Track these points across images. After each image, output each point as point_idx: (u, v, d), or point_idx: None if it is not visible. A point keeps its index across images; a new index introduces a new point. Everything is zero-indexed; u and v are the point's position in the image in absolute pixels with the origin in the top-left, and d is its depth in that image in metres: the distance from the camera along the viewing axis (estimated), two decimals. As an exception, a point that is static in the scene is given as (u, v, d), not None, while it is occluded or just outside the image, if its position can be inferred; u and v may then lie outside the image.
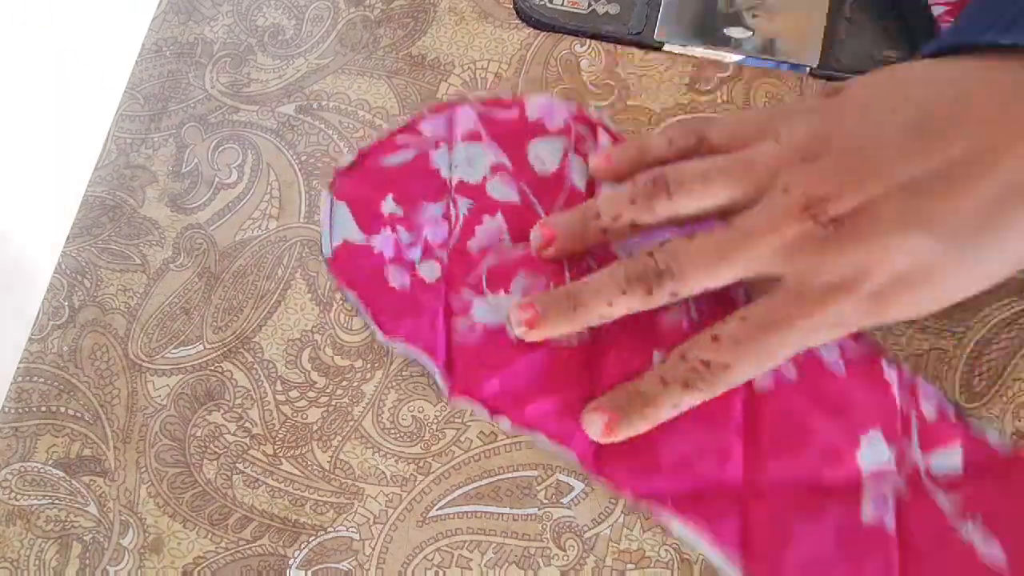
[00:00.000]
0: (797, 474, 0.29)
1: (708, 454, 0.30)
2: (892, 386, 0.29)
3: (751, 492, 0.29)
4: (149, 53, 0.43)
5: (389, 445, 0.33)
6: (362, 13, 0.41)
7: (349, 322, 0.35)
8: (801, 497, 0.29)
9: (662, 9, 0.37)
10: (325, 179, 0.38)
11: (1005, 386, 0.30)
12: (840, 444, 0.29)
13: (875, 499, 0.28)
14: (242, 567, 0.33)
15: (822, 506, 0.29)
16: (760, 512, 0.29)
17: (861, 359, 0.30)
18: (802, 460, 0.29)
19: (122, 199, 0.40)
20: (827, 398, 0.29)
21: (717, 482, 0.29)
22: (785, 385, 0.30)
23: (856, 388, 0.29)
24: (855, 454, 0.29)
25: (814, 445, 0.29)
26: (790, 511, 0.29)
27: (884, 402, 0.29)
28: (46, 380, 0.37)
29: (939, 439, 0.28)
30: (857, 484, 0.28)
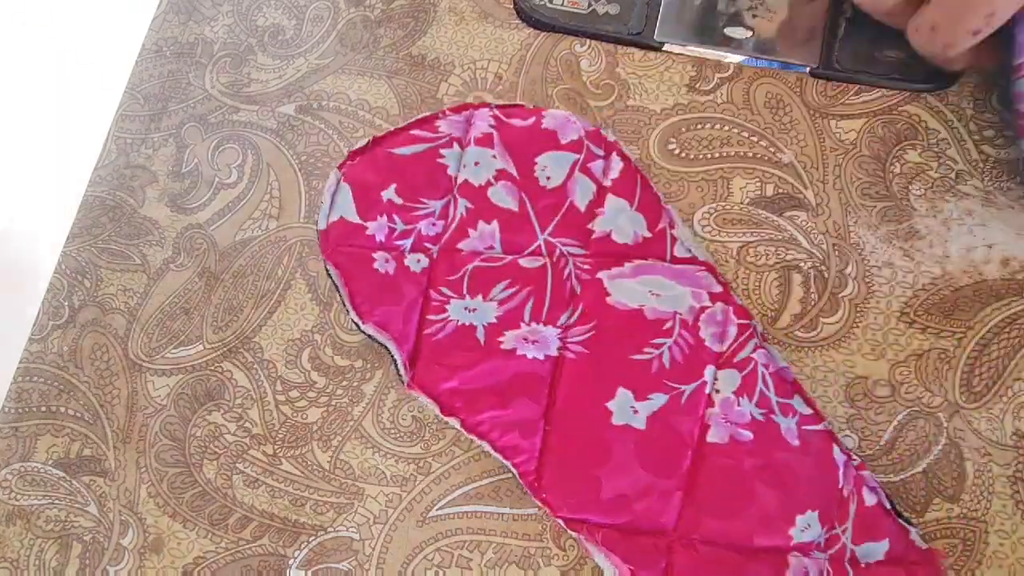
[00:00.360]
0: (729, 534, 0.29)
1: (648, 497, 0.30)
2: (839, 470, 0.29)
3: (680, 542, 0.29)
4: (149, 53, 0.43)
5: (389, 445, 0.33)
6: (362, 13, 0.41)
7: (349, 322, 0.35)
8: (727, 558, 0.29)
9: (662, 9, 0.37)
10: (335, 163, 0.38)
11: (1005, 386, 0.30)
12: (778, 516, 0.29)
13: (797, 573, 0.29)
14: (242, 567, 0.33)
15: (745, 570, 0.29)
16: (684, 563, 0.29)
17: (815, 435, 0.30)
18: (737, 522, 0.29)
19: (122, 199, 0.40)
20: (775, 466, 0.30)
21: (650, 526, 0.30)
22: (738, 443, 0.30)
23: (805, 463, 0.30)
24: (789, 529, 0.29)
25: (752, 511, 0.29)
26: (713, 569, 0.29)
27: (828, 484, 0.29)
28: (46, 380, 0.37)
29: (871, 531, 0.29)
30: (784, 556, 0.29)
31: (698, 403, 0.30)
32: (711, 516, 0.29)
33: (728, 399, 0.30)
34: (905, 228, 0.32)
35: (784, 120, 0.35)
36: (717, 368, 0.31)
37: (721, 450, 0.30)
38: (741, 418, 0.30)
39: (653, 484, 0.30)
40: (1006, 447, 0.30)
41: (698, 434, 0.30)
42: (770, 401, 0.30)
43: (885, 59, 0.34)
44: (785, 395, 0.30)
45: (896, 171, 0.33)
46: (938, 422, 0.30)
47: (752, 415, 0.30)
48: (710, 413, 0.30)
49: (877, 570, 0.28)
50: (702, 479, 0.30)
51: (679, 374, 0.31)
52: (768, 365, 0.31)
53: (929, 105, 0.34)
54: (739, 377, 0.31)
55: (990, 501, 0.29)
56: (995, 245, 0.32)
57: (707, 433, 0.30)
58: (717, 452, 0.30)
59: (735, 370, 0.31)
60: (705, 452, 0.30)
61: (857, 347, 0.31)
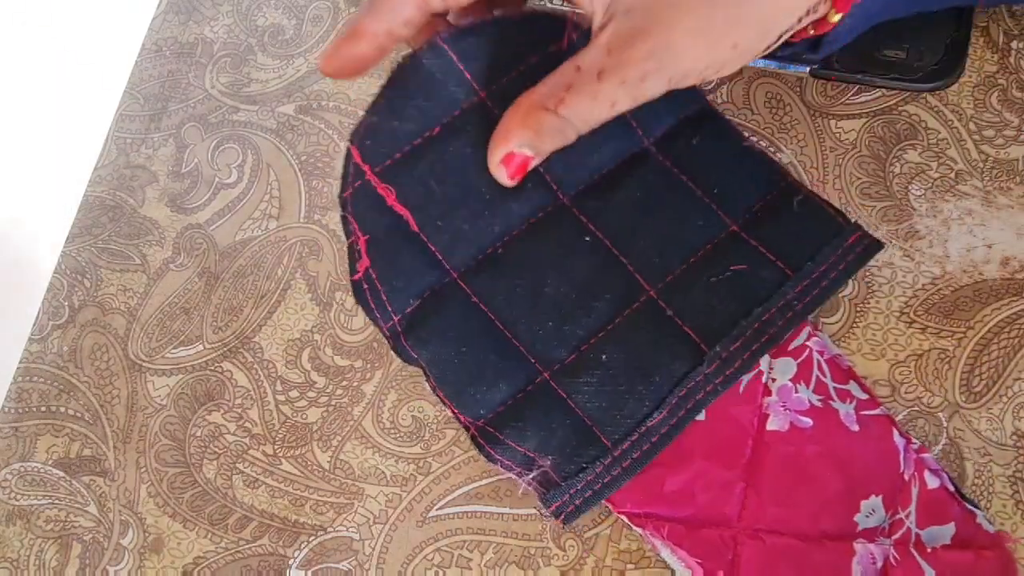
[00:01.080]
0: (794, 523, 0.29)
1: (711, 488, 0.30)
2: (899, 453, 0.29)
3: (746, 533, 0.29)
4: (149, 53, 0.43)
5: (389, 445, 0.33)
6: (362, 13, 0.41)
7: (349, 322, 0.35)
8: (793, 546, 0.29)
9: (662, 9, 0.37)
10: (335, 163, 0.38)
11: (1005, 386, 0.30)
12: (842, 502, 0.29)
13: (864, 561, 0.28)
14: (242, 567, 0.33)
15: (812, 559, 0.29)
16: (751, 555, 0.29)
17: (875, 420, 0.30)
18: (802, 510, 0.29)
19: (122, 199, 0.40)
20: (836, 452, 0.29)
21: (715, 517, 0.29)
22: (798, 430, 0.30)
23: (866, 448, 0.29)
24: (854, 515, 0.29)
25: (816, 498, 0.29)
26: (780, 559, 0.29)
27: (890, 468, 0.29)
28: (46, 380, 0.37)
29: (936, 515, 0.29)
30: (850, 543, 0.29)
31: (756, 392, 0.30)
32: (775, 505, 0.29)
33: (785, 386, 0.30)
34: (905, 228, 0.32)
35: (784, 120, 0.35)
36: (772, 357, 0.31)
37: (782, 438, 0.30)
38: (800, 405, 0.30)
39: (716, 475, 0.30)
40: (1006, 447, 0.30)
41: (757, 423, 0.30)
42: (827, 387, 0.30)
43: (885, 59, 0.34)
44: (841, 381, 0.30)
45: (896, 171, 0.33)
46: (938, 422, 0.30)
47: (810, 402, 0.30)
48: (768, 402, 0.30)
49: (944, 554, 0.28)
50: (764, 468, 0.29)
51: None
52: (823, 352, 0.31)
53: (929, 105, 0.34)
54: (795, 365, 0.30)
55: (990, 501, 0.29)
56: (995, 245, 0.32)
57: (766, 422, 0.30)
58: (778, 440, 0.30)
59: (790, 358, 0.31)
60: (766, 440, 0.30)
61: (857, 347, 0.31)
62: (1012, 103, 0.33)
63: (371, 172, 0.31)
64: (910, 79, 0.34)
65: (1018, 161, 0.32)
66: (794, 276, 0.30)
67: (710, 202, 0.31)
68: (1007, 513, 0.29)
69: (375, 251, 0.32)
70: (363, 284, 0.32)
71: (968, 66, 0.34)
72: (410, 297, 0.32)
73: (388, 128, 0.31)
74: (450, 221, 0.31)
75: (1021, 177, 0.32)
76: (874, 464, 0.29)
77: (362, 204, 0.32)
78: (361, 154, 0.31)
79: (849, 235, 0.30)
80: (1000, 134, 0.33)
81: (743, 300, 0.30)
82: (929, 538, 0.29)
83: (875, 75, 0.34)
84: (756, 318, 0.30)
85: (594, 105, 0.26)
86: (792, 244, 0.31)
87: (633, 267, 0.31)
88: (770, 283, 0.30)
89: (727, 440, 0.30)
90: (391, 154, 0.31)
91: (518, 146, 0.28)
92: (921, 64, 0.33)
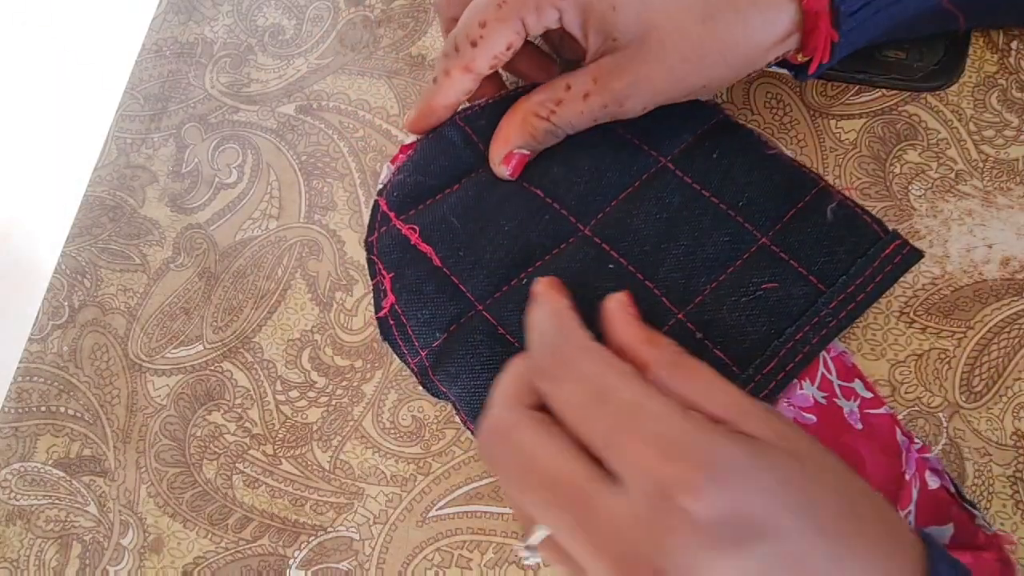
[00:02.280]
0: None
1: None
2: (902, 453, 0.29)
3: None
4: (149, 53, 0.43)
5: (389, 445, 0.33)
6: (362, 13, 0.41)
7: (349, 322, 0.35)
8: None
9: (662, 9, 0.37)
10: (335, 163, 0.38)
11: (1005, 386, 0.30)
12: None
13: None
14: (242, 567, 0.33)
15: None
16: None
17: (878, 418, 0.30)
18: None
19: (122, 199, 0.40)
20: (839, 449, 0.29)
21: None
22: (802, 426, 0.29)
23: (869, 446, 0.29)
24: None
25: None
26: None
27: (891, 467, 0.29)
28: (46, 380, 0.37)
29: (935, 515, 0.29)
30: None
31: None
32: None
33: (791, 383, 0.30)
34: (905, 228, 0.32)
35: (784, 120, 0.35)
36: None
37: None
38: (804, 402, 0.30)
39: None
40: (1006, 447, 0.30)
41: None
42: (832, 385, 0.30)
43: (885, 59, 0.34)
44: (846, 379, 0.30)
45: (896, 171, 0.33)
46: (938, 422, 0.30)
47: (815, 399, 0.30)
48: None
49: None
50: None
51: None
52: (830, 349, 0.30)
53: (929, 105, 0.34)
54: None
55: (990, 501, 0.29)
56: (995, 245, 0.32)
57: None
58: None
59: None
60: None
61: (857, 347, 0.31)
62: (1012, 103, 0.33)
63: (396, 218, 0.34)
64: (910, 79, 0.34)
65: (1018, 161, 0.32)
66: (828, 292, 0.29)
67: (736, 216, 0.31)
68: (1007, 513, 0.29)
69: (400, 287, 0.33)
70: (389, 320, 0.33)
71: (968, 66, 0.34)
72: (436, 330, 0.32)
73: (413, 182, 0.34)
74: (471, 253, 0.32)
75: (1021, 177, 0.32)
76: (876, 462, 0.29)
77: (387, 246, 0.33)
78: (388, 204, 0.34)
79: (887, 245, 0.29)
80: (1000, 134, 0.33)
81: (775, 319, 0.29)
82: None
83: (875, 75, 0.34)
84: (789, 338, 0.29)
85: (580, 118, 0.31)
86: (826, 257, 0.30)
87: (660, 291, 0.30)
88: (803, 300, 0.29)
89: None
90: (416, 205, 0.34)
91: (516, 147, 0.32)
92: (921, 64, 0.33)
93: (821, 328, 0.29)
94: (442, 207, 0.33)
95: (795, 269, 0.30)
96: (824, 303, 0.29)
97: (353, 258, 0.36)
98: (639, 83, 0.29)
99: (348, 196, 0.37)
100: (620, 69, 0.29)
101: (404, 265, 0.33)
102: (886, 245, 0.29)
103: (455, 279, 0.32)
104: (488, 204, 0.33)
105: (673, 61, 0.29)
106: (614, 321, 0.27)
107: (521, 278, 0.32)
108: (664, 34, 0.28)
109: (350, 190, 0.38)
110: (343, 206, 0.37)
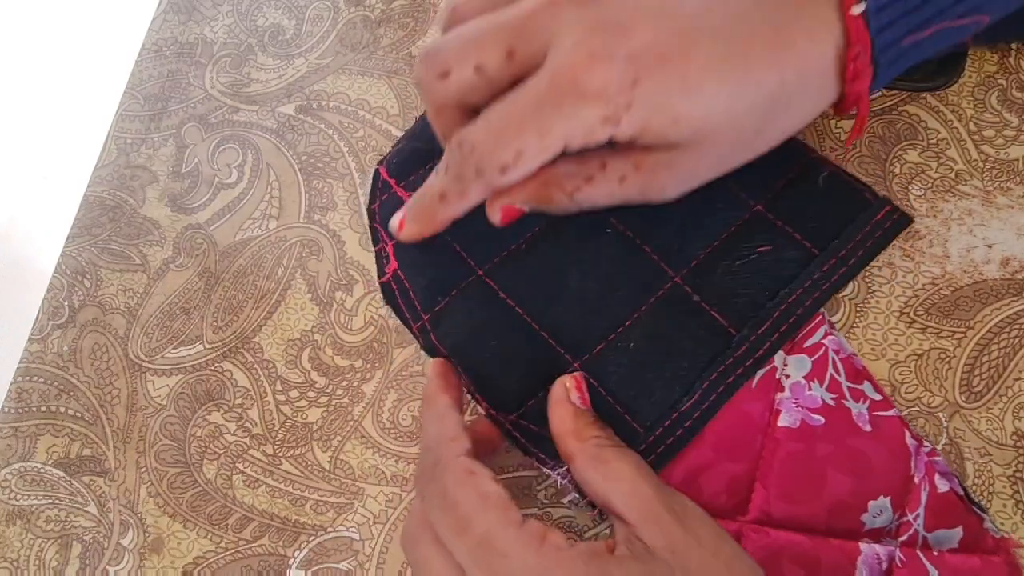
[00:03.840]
0: (800, 519, 0.29)
1: (719, 480, 0.30)
2: (911, 456, 0.29)
3: (751, 526, 0.29)
4: (149, 53, 0.43)
5: (389, 445, 0.33)
6: (362, 13, 0.41)
7: (349, 322, 0.35)
8: (798, 542, 0.29)
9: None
10: (335, 163, 0.38)
11: (1005, 386, 0.30)
12: (850, 501, 0.29)
13: (869, 561, 0.28)
14: (242, 567, 0.33)
15: (816, 556, 0.29)
16: (755, 548, 0.29)
17: (887, 421, 0.30)
18: (809, 507, 0.29)
19: (122, 199, 0.40)
20: (847, 452, 0.29)
21: (721, 509, 0.29)
22: (810, 427, 0.30)
23: (877, 449, 0.29)
24: (861, 515, 0.29)
25: (824, 496, 0.29)
26: (784, 554, 0.29)
27: (900, 470, 0.29)
28: (46, 380, 0.37)
29: (944, 518, 0.29)
30: (855, 543, 0.29)
31: (768, 388, 0.30)
32: (782, 500, 0.29)
33: (798, 383, 0.30)
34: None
35: (784, 120, 0.35)
36: (787, 354, 0.31)
37: (792, 434, 0.30)
38: (812, 403, 0.30)
39: (724, 467, 0.29)
40: (1006, 447, 0.30)
41: (769, 418, 0.30)
42: (841, 386, 0.30)
43: (885, 59, 0.34)
44: (856, 381, 0.30)
45: (896, 171, 0.33)
46: (938, 422, 0.30)
47: (823, 400, 0.30)
48: (780, 397, 0.30)
49: (951, 558, 0.28)
50: (773, 463, 0.29)
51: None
52: (839, 351, 0.31)
53: (929, 105, 0.34)
54: (809, 362, 0.30)
55: (990, 501, 0.29)
56: (995, 245, 0.32)
57: (778, 418, 0.30)
58: (788, 436, 0.30)
59: (805, 355, 0.31)
60: (776, 436, 0.30)
61: (857, 347, 0.31)
62: (1012, 103, 0.33)
63: (396, 185, 0.34)
64: (910, 79, 0.34)
65: (1018, 161, 0.32)
66: (820, 255, 0.30)
67: (731, 183, 0.31)
68: (1007, 513, 0.29)
69: (402, 254, 0.34)
70: (392, 285, 0.34)
71: (968, 66, 0.34)
72: (437, 294, 0.32)
73: (411, 149, 0.35)
74: (473, 220, 0.32)
75: (1021, 177, 0.32)
76: (884, 465, 0.29)
77: (389, 213, 0.33)
78: (388, 171, 0.35)
79: (878, 210, 0.30)
80: (1000, 134, 0.33)
81: (769, 281, 0.30)
82: (936, 541, 0.28)
83: (875, 75, 0.34)
84: (782, 299, 0.30)
85: (607, 198, 0.28)
86: (817, 222, 0.30)
87: (657, 255, 0.31)
88: (796, 263, 0.30)
89: (737, 433, 0.30)
90: (416, 170, 0.34)
91: (521, 203, 0.29)
92: (920, 64, 0.33)
93: (814, 290, 0.30)
94: None
95: (788, 233, 0.31)
96: (817, 266, 0.30)
97: (353, 258, 0.36)
98: (686, 175, 0.28)
99: (348, 196, 0.37)
100: (670, 163, 0.27)
101: None
102: (877, 210, 0.30)
103: (456, 245, 0.33)
104: None
105: (724, 152, 0.27)
106: (552, 407, 0.28)
107: (520, 244, 0.32)
108: (722, 136, 0.26)
109: (350, 190, 0.38)
110: (343, 206, 0.37)
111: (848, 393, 0.30)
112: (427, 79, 0.26)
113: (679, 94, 0.24)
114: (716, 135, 0.26)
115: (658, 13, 0.24)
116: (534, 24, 0.24)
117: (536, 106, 0.24)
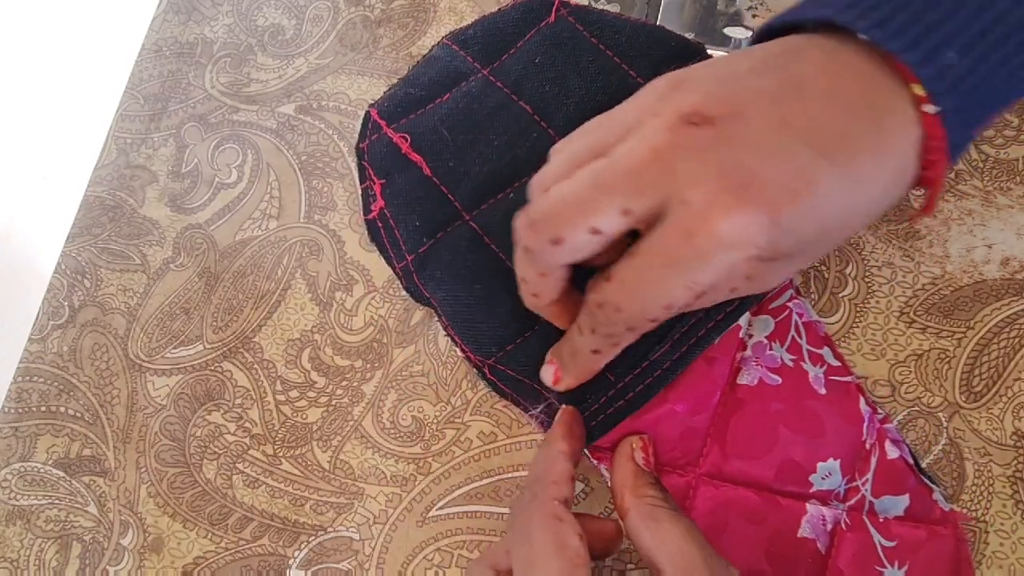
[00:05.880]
0: (751, 475, 0.29)
1: (676, 431, 0.30)
2: (863, 422, 0.30)
3: (703, 478, 0.30)
4: (149, 53, 0.43)
5: (389, 445, 0.33)
6: (362, 13, 0.41)
7: (349, 322, 0.35)
8: (746, 498, 0.29)
9: (662, 9, 0.37)
10: (335, 163, 0.38)
11: (1005, 386, 0.30)
12: (799, 461, 0.29)
13: (814, 521, 0.29)
14: (242, 567, 0.33)
15: (763, 511, 0.29)
16: (704, 500, 0.29)
17: (843, 386, 0.30)
18: (760, 464, 0.29)
19: (122, 199, 0.40)
20: (801, 412, 0.30)
21: (676, 460, 0.30)
22: (767, 386, 0.30)
23: (830, 412, 0.30)
24: (809, 476, 0.29)
25: (775, 454, 0.29)
26: (731, 507, 0.29)
27: (852, 435, 0.29)
28: (46, 380, 0.37)
29: (891, 485, 0.29)
30: (802, 503, 0.29)
31: (731, 345, 0.30)
32: (734, 456, 0.30)
33: (760, 343, 0.30)
34: (905, 228, 0.32)
35: (784, 120, 0.35)
36: (752, 315, 0.31)
37: (750, 392, 0.30)
38: (772, 362, 0.30)
39: (682, 419, 0.30)
40: (1006, 447, 0.30)
41: (728, 375, 0.30)
42: (801, 349, 0.31)
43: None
44: (816, 345, 0.31)
45: (896, 171, 0.33)
46: (938, 422, 0.30)
47: (782, 360, 0.30)
48: (741, 356, 0.30)
49: (897, 526, 0.28)
50: (729, 419, 0.30)
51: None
52: (802, 315, 0.31)
53: (929, 105, 0.34)
54: (773, 323, 0.31)
55: (990, 501, 0.29)
56: (995, 245, 0.32)
57: (738, 375, 0.30)
58: (746, 393, 0.30)
59: (769, 316, 0.31)
60: (735, 393, 0.30)
61: (857, 347, 0.31)
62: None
63: (387, 127, 0.35)
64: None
65: (1018, 161, 0.32)
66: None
67: (621, 63, 0.32)
68: (1007, 513, 0.29)
69: (390, 193, 0.34)
70: (378, 223, 0.34)
71: (968, 66, 0.34)
72: (423, 236, 0.33)
73: (403, 94, 0.35)
74: (461, 165, 0.33)
75: (1021, 177, 0.32)
76: (837, 428, 0.29)
77: (377, 153, 0.34)
78: (379, 113, 0.35)
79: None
80: (1000, 134, 0.33)
81: None
82: (882, 508, 0.29)
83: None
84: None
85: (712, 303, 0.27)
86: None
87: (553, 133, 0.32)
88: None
89: (698, 387, 0.30)
90: (407, 114, 0.35)
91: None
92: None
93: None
94: (432, 117, 0.34)
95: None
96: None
97: (353, 258, 0.36)
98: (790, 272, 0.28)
99: (348, 196, 0.37)
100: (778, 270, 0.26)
101: (395, 172, 0.34)
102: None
103: (444, 188, 0.33)
104: (479, 116, 0.34)
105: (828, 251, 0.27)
106: (616, 461, 0.29)
107: (507, 192, 0.33)
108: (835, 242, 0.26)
109: (350, 190, 0.38)
110: (343, 206, 0.37)
111: (807, 356, 0.30)
112: (538, 247, 0.25)
113: (812, 223, 0.24)
114: (832, 244, 0.26)
115: (776, 150, 0.24)
116: (648, 179, 0.24)
117: (673, 261, 0.24)
